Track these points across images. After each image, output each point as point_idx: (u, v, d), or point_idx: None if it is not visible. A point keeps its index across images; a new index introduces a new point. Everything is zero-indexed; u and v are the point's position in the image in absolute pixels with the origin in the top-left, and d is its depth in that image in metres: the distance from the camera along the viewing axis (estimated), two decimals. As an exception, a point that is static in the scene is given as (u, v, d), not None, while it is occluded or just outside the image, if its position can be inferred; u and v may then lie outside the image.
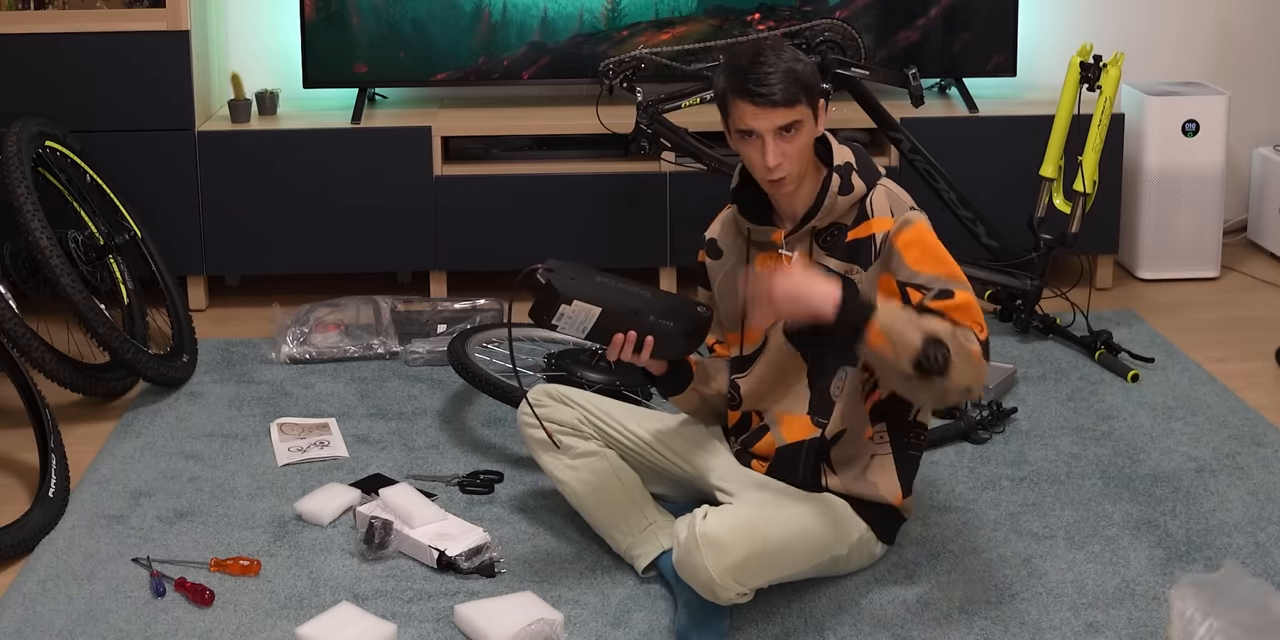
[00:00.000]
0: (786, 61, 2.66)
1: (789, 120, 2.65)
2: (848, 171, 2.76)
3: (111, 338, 3.63)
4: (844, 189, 2.75)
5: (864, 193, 2.76)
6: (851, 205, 2.76)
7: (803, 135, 2.68)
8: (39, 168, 3.92)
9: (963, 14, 4.63)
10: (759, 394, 2.91)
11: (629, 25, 4.58)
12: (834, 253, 2.78)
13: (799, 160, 2.70)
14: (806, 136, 2.70)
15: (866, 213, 2.75)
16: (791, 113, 2.65)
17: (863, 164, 2.79)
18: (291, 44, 4.66)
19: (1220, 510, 3.16)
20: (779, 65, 2.64)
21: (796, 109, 2.65)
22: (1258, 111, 5.05)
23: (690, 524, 2.60)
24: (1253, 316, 4.43)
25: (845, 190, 2.75)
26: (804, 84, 2.66)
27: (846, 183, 2.75)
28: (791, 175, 2.71)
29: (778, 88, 2.63)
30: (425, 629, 2.75)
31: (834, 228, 2.78)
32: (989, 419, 3.56)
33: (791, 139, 2.67)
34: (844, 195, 2.75)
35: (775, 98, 2.63)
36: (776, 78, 2.63)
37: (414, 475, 3.36)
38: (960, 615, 2.77)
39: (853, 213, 2.77)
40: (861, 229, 2.75)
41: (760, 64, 2.64)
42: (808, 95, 2.67)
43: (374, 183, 4.47)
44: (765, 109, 2.64)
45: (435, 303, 4.33)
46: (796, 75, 2.65)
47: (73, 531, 3.13)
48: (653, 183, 4.49)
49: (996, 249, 4.29)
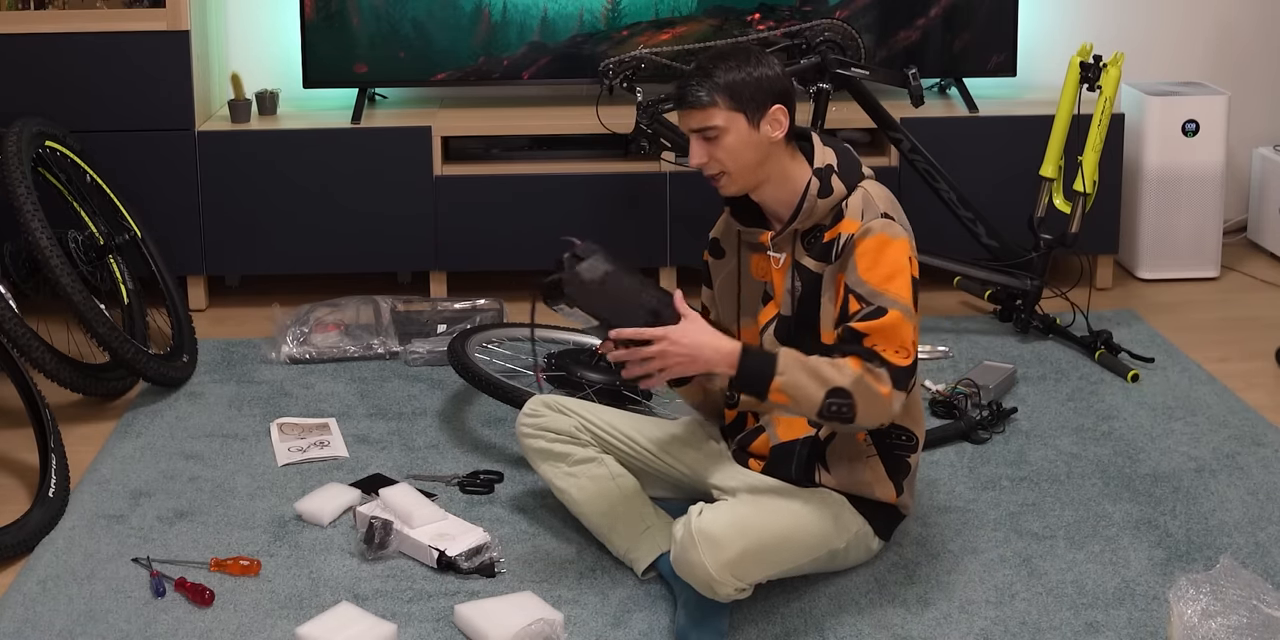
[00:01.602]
0: (725, 70, 2.72)
1: (701, 124, 2.73)
2: (828, 174, 2.78)
3: (111, 338, 3.64)
4: (823, 192, 2.77)
5: (844, 195, 2.78)
6: (832, 207, 2.78)
7: (726, 140, 2.73)
8: (39, 168, 3.92)
9: (963, 14, 4.63)
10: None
11: (629, 25, 4.58)
12: (812, 252, 2.81)
13: (731, 161, 2.74)
14: (734, 141, 2.73)
15: (841, 213, 2.77)
16: (705, 115, 2.72)
17: (845, 166, 2.80)
18: (291, 44, 4.67)
19: (1220, 510, 3.16)
20: (710, 72, 2.72)
21: (708, 111, 2.72)
22: (1258, 111, 5.05)
23: (686, 522, 2.62)
24: (1253, 316, 4.43)
25: (824, 193, 2.77)
26: (733, 92, 2.71)
27: (826, 186, 2.77)
28: (729, 176, 2.76)
29: (690, 92, 2.73)
30: (425, 629, 2.75)
31: (816, 229, 2.80)
32: (989, 419, 3.56)
33: (716, 142, 2.74)
34: (823, 198, 2.77)
35: (688, 101, 2.74)
36: (696, 84, 2.72)
37: (414, 475, 3.36)
38: (960, 615, 2.77)
39: (833, 214, 2.78)
40: (834, 230, 2.78)
41: (694, 70, 2.75)
42: (736, 103, 2.71)
43: (374, 183, 4.47)
44: (683, 111, 2.76)
45: (435, 303, 4.33)
46: (727, 84, 2.71)
47: (73, 531, 3.13)
48: (653, 183, 4.49)
49: (996, 249, 4.30)
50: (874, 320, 2.67)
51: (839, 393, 2.62)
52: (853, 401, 2.62)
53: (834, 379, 2.62)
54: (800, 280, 2.81)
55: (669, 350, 2.64)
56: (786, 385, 2.62)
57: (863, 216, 2.74)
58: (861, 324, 2.67)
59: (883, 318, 2.67)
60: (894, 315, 2.67)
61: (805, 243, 2.81)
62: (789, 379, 2.62)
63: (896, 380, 2.65)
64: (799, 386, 2.62)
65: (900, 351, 2.66)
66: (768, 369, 2.63)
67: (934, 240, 4.16)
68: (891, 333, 2.67)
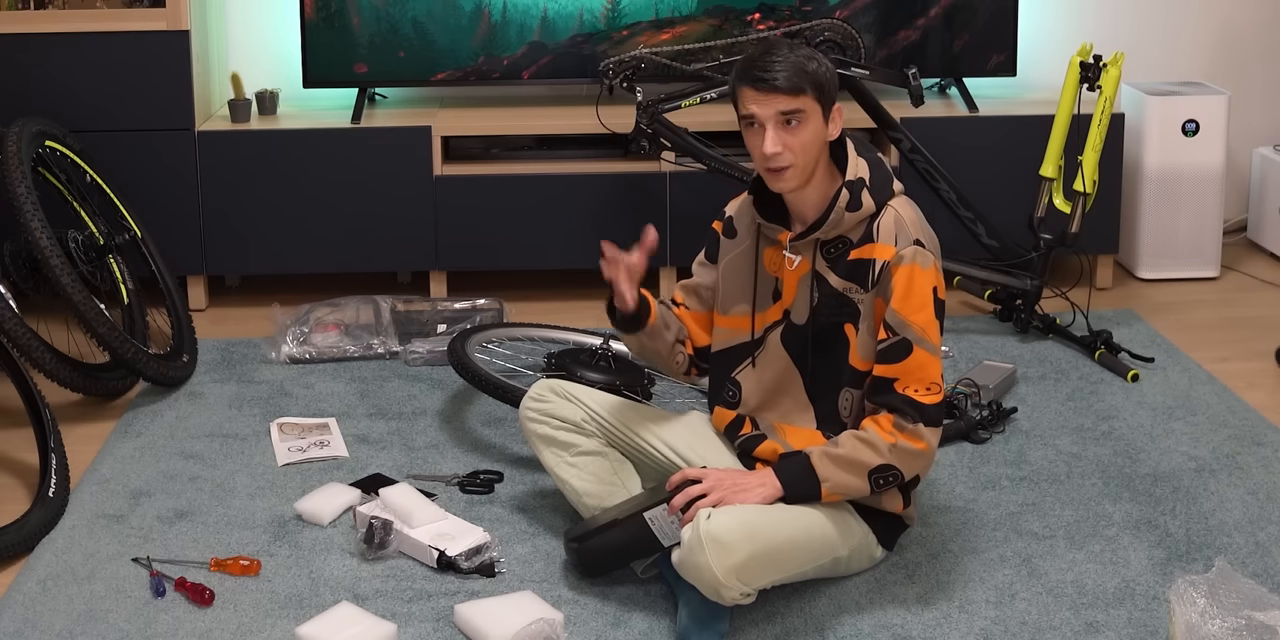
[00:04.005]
0: (799, 56, 2.69)
1: (790, 107, 2.67)
2: (859, 188, 2.76)
3: (111, 338, 3.63)
4: (852, 205, 2.75)
5: (872, 211, 2.76)
6: (859, 222, 2.77)
7: (806, 128, 2.69)
8: (39, 168, 3.92)
9: (963, 14, 4.63)
10: (758, 398, 2.92)
11: (629, 25, 4.58)
12: (836, 268, 2.79)
13: (802, 154, 2.71)
14: (811, 132, 2.70)
15: (872, 235, 2.76)
16: (794, 101, 2.67)
17: (877, 181, 2.78)
18: (291, 44, 4.67)
19: (1220, 510, 3.16)
20: (789, 57, 2.68)
21: (799, 98, 2.67)
22: (1258, 111, 5.05)
23: (695, 525, 2.61)
24: (1253, 316, 4.43)
25: (853, 207, 2.75)
26: (813, 79, 2.68)
27: (855, 199, 2.75)
28: (794, 169, 2.72)
29: (780, 74, 2.66)
30: (425, 629, 2.75)
31: (839, 241, 2.79)
32: (989, 419, 3.56)
33: (794, 130, 2.69)
34: (851, 212, 2.76)
35: (777, 83, 2.66)
36: (781, 66, 2.66)
37: (414, 475, 3.36)
38: (960, 615, 2.77)
39: (860, 229, 2.77)
40: (864, 250, 2.76)
41: (770, 54, 2.69)
42: (816, 91, 2.68)
43: (374, 183, 4.47)
44: (766, 94, 2.67)
45: (435, 303, 4.33)
46: (805, 68, 2.68)
47: (73, 531, 3.13)
48: (653, 183, 4.49)
49: (996, 249, 4.29)
50: (900, 363, 2.70)
51: (880, 469, 2.70)
52: (896, 470, 2.71)
53: (870, 461, 2.70)
54: (819, 293, 2.80)
55: (715, 484, 2.70)
56: (834, 488, 2.72)
57: (896, 241, 2.74)
58: (889, 368, 2.71)
59: (908, 359, 2.70)
60: (919, 354, 2.70)
61: (826, 253, 2.80)
62: (833, 482, 2.71)
63: (931, 420, 2.71)
64: (844, 484, 2.71)
65: (930, 388, 2.71)
66: (811, 482, 2.70)
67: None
68: (919, 372, 2.71)
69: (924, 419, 2.69)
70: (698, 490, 2.69)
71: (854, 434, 2.72)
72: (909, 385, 2.70)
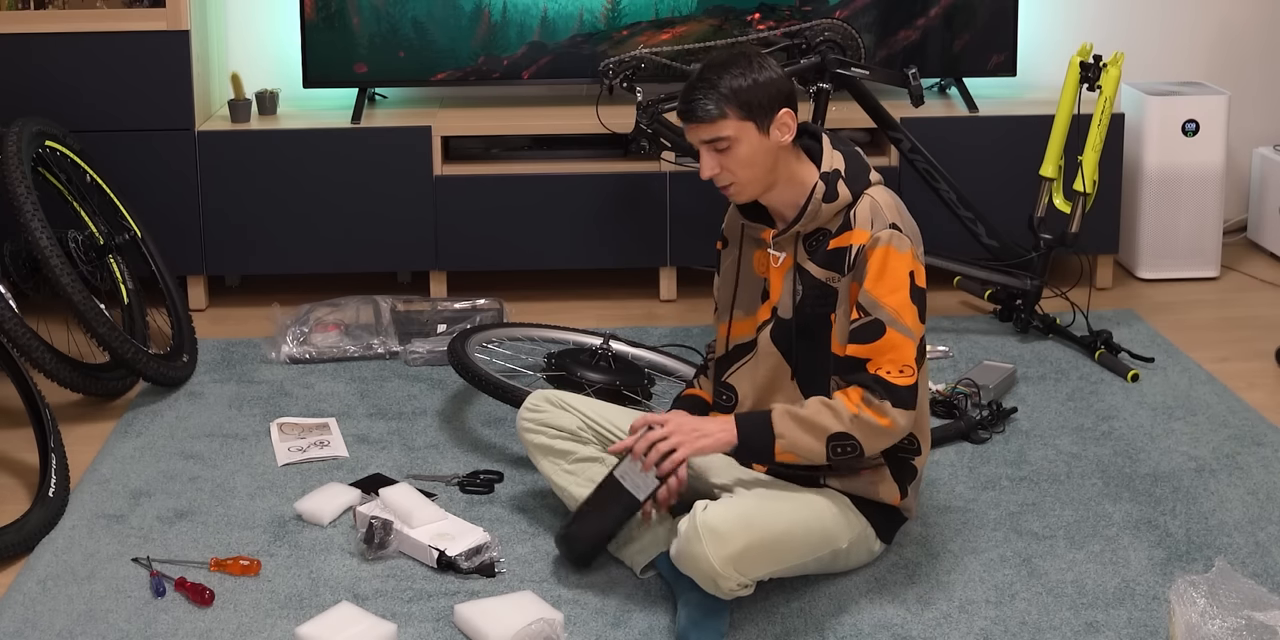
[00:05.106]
0: (730, 78, 2.69)
1: (710, 135, 2.72)
2: (834, 179, 2.78)
3: (111, 338, 3.63)
4: (828, 196, 2.77)
5: (849, 201, 2.78)
6: (837, 212, 2.79)
7: (739, 148, 2.72)
8: (39, 168, 3.92)
9: (963, 14, 4.63)
10: (753, 398, 2.93)
11: (629, 25, 4.58)
12: (815, 258, 2.80)
13: (743, 171, 2.74)
14: (746, 149, 2.72)
15: (849, 222, 2.77)
16: (713, 128, 2.71)
17: (852, 171, 2.80)
18: (291, 44, 4.67)
19: (1220, 510, 3.16)
20: (711, 81, 2.70)
21: (718, 124, 2.70)
22: (1258, 111, 5.05)
23: (691, 516, 2.63)
24: (1253, 316, 4.43)
25: (829, 198, 2.77)
26: (736, 100, 2.69)
27: (831, 190, 2.77)
28: (738, 186, 2.77)
29: (695, 104, 2.70)
30: (425, 629, 2.75)
31: (819, 233, 2.80)
32: (989, 419, 3.56)
33: (727, 153, 2.73)
34: (828, 203, 2.77)
35: (695, 114, 2.71)
36: (698, 94, 2.70)
37: (414, 475, 3.36)
38: (960, 615, 2.78)
39: (838, 219, 2.79)
40: (843, 238, 2.78)
41: (697, 80, 2.72)
42: (741, 110, 2.70)
43: (374, 183, 4.47)
44: (690, 125, 2.74)
45: (435, 303, 4.33)
46: (732, 92, 2.69)
47: (73, 531, 3.13)
48: (653, 183, 4.49)
49: (996, 249, 4.30)
50: (872, 342, 2.70)
51: (839, 436, 2.69)
52: (855, 440, 2.70)
53: (830, 426, 2.69)
54: (802, 285, 2.81)
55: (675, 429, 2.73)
56: (789, 446, 2.71)
57: (872, 226, 2.75)
58: (861, 348, 2.71)
59: (880, 339, 2.70)
60: (892, 335, 2.70)
61: (808, 246, 2.81)
62: (789, 440, 2.70)
63: (901, 400, 2.70)
64: (801, 444, 2.70)
65: (904, 371, 2.70)
66: (767, 435, 2.71)
67: (934, 240, 4.13)
68: (892, 353, 2.70)
69: (893, 399, 2.69)
70: (658, 435, 2.74)
71: (821, 400, 2.73)
72: (881, 366, 2.70)
